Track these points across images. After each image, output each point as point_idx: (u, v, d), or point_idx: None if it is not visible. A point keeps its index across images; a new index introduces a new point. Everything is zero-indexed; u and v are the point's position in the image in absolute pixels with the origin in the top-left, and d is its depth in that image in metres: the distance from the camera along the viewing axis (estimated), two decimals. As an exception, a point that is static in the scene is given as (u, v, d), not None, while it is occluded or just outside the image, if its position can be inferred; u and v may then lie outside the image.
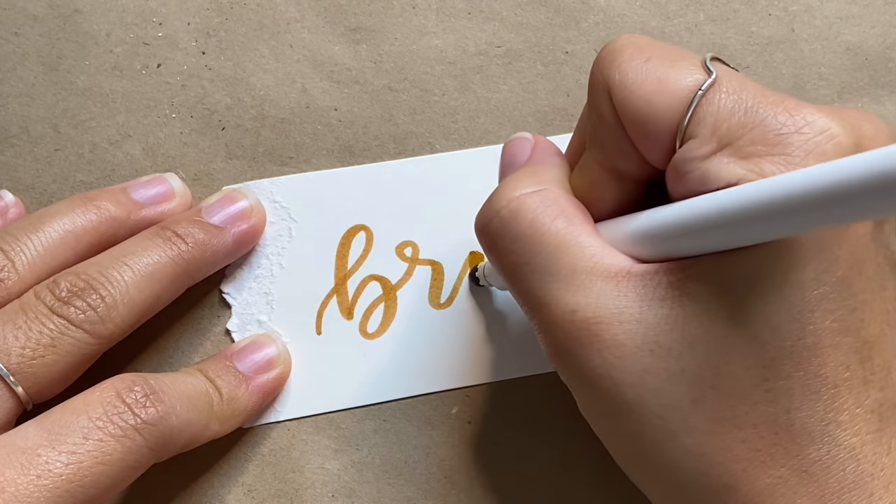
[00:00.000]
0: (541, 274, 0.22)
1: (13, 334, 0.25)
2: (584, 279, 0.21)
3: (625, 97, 0.21)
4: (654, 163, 0.22)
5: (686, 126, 0.21)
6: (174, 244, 0.27)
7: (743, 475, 0.20)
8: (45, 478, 0.22)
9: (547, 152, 0.25)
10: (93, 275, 0.26)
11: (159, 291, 0.27)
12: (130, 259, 0.26)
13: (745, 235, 0.19)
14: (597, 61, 0.23)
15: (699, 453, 0.20)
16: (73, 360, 0.25)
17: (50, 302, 0.25)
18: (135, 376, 0.25)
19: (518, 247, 0.22)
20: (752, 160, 0.20)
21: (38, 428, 0.23)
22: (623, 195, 0.23)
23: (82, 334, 0.25)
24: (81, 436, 0.23)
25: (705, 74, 0.21)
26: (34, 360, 0.25)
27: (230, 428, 0.28)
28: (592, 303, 0.21)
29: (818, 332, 0.20)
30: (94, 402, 0.24)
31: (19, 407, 0.25)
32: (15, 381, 0.24)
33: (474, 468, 0.29)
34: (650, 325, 0.20)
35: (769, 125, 0.20)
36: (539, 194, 0.23)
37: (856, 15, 0.32)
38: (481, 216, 0.24)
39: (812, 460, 0.20)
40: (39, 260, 0.26)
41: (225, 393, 0.27)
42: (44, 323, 0.25)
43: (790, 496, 0.20)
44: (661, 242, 0.21)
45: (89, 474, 0.23)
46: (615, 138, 0.22)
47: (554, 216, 0.22)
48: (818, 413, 0.20)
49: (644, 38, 0.22)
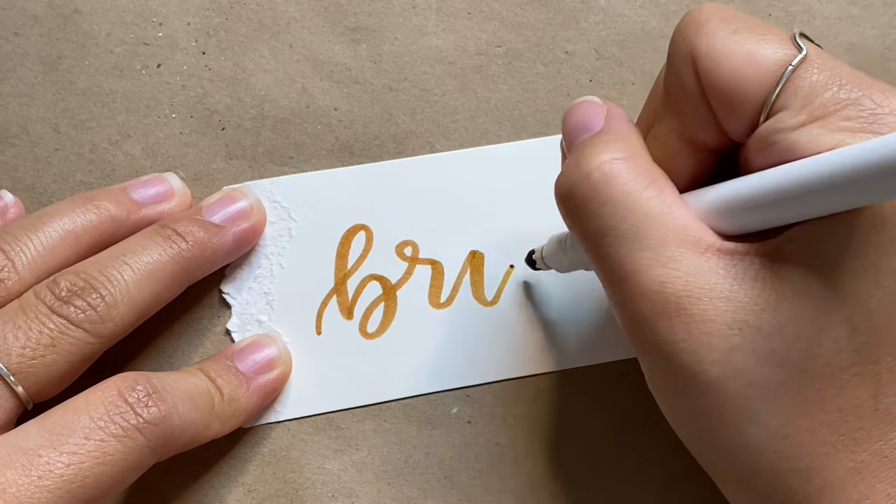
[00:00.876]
0: (630, 241, 0.21)
1: (13, 334, 0.25)
2: (675, 252, 0.21)
3: (711, 67, 0.21)
4: (733, 135, 0.22)
5: (775, 100, 0.20)
6: (174, 242, 0.27)
7: (825, 459, 0.20)
8: (47, 478, 0.22)
9: (624, 120, 0.24)
10: (93, 274, 0.26)
11: (159, 290, 0.27)
12: (130, 258, 0.26)
13: (839, 200, 0.19)
14: (679, 29, 0.22)
15: (782, 436, 0.20)
16: (73, 359, 0.25)
17: (50, 301, 0.25)
18: (137, 375, 0.25)
19: (607, 211, 0.22)
20: (845, 133, 0.19)
21: (39, 428, 0.23)
22: (697, 167, 0.23)
23: (83, 334, 0.25)
24: (83, 436, 0.23)
25: (795, 50, 0.21)
26: (34, 360, 0.24)
27: (231, 428, 0.27)
28: (683, 276, 0.21)
29: None
30: (96, 402, 0.24)
31: (20, 407, 0.25)
32: (15, 381, 0.24)
33: (474, 468, 0.29)
34: (741, 305, 0.20)
35: (863, 104, 0.20)
36: (629, 161, 0.22)
37: (855, 15, 0.32)
38: (565, 179, 0.23)
39: (894, 446, 0.20)
40: (39, 260, 0.26)
41: (226, 393, 0.27)
42: (44, 323, 0.25)
43: (870, 480, 0.20)
44: (751, 212, 0.21)
45: (90, 475, 0.23)
46: (696, 108, 0.22)
47: (646, 184, 0.22)
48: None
49: (729, 8, 0.22)
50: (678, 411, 0.23)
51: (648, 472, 0.29)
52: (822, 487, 0.20)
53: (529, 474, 0.29)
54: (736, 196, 0.21)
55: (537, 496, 0.29)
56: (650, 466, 0.29)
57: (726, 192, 0.21)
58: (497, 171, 0.31)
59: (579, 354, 0.30)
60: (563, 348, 0.30)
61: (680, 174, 0.23)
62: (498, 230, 0.31)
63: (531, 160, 0.31)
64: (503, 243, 0.31)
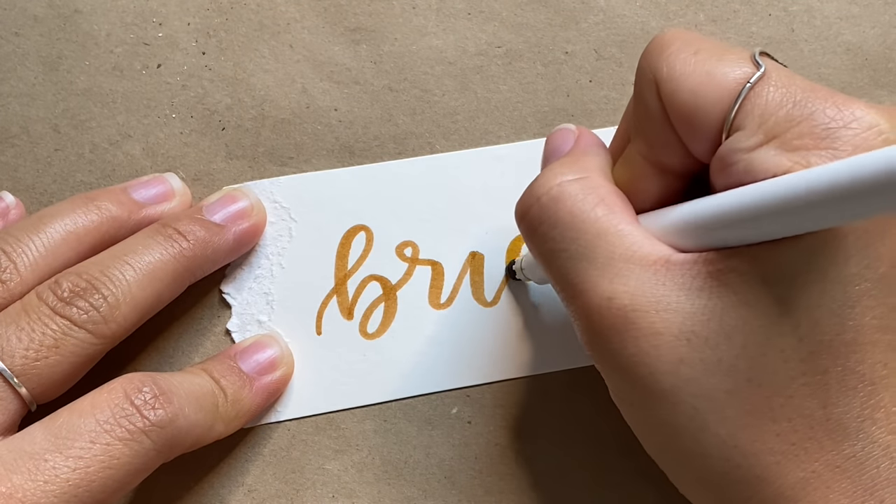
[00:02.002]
0: (578, 260, 0.22)
1: (16, 336, 0.24)
2: (622, 266, 0.21)
3: (672, 89, 0.21)
4: (698, 156, 0.22)
5: (733, 118, 0.21)
6: (175, 242, 0.27)
7: (776, 468, 0.20)
8: (53, 483, 0.22)
9: (590, 143, 0.25)
10: (94, 274, 0.26)
11: (161, 289, 0.27)
12: (132, 257, 0.26)
13: (789, 225, 0.19)
14: (644, 54, 0.23)
15: (732, 445, 0.20)
16: (76, 360, 0.25)
17: (52, 303, 0.25)
18: (143, 376, 0.25)
19: (557, 233, 0.22)
20: (799, 153, 0.20)
21: (45, 432, 0.23)
22: (666, 189, 0.23)
23: (85, 334, 0.25)
24: (89, 440, 0.23)
25: (754, 68, 0.21)
26: (38, 362, 0.24)
27: (234, 428, 0.28)
28: (630, 290, 0.21)
29: (858, 328, 0.20)
30: (102, 404, 0.24)
31: (23, 408, 0.25)
32: (19, 383, 0.24)
33: (474, 468, 0.29)
34: (687, 315, 0.20)
35: (817, 119, 0.20)
36: (580, 182, 0.23)
37: (856, 15, 0.32)
38: (522, 203, 0.24)
39: (846, 456, 0.20)
40: (41, 261, 0.26)
41: (230, 394, 0.27)
42: (46, 324, 0.25)
43: (823, 490, 0.20)
44: (704, 233, 0.21)
45: (97, 478, 0.23)
46: (660, 130, 0.22)
47: (594, 204, 0.22)
48: (854, 409, 0.20)
49: (691, 32, 0.23)
50: (638, 421, 0.23)
51: (649, 472, 0.29)
52: (774, 497, 0.20)
53: (529, 474, 0.29)
54: (691, 217, 0.21)
55: (537, 496, 0.29)
56: (650, 466, 0.29)
57: (683, 212, 0.22)
58: (497, 171, 0.31)
59: (579, 355, 0.30)
60: (562, 348, 0.30)
61: (648, 196, 0.23)
62: (498, 230, 0.31)
63: (531, 160, 0.31)
64: (503, 244, 0.31)
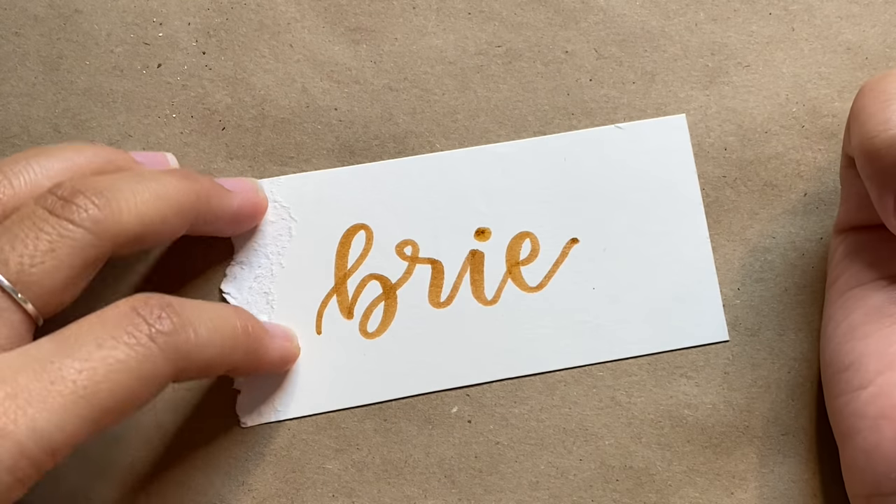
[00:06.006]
0: None
1: (10, 244, 0.23)
2: None
3: None
4: None
5: None
6: (187, 179, 0.27)
7: None
8: (59, 384, 0.22)
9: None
10: (98, 181, 0.25)
11: (166, 211, 0.26)
12: (139, 177, 0.26)
13: None
14: None
15: None
16: (75, 263, 0.24)
17: (51, 204, 0.24)
18: (152, 294, 0.24)
19: None
20: None
21: (52, 341, 0.23)
22: None
23: (83, 233, 0.24)
24: (95, 344, 0.22)
25: None
26: (34, 268, 0.23)
27: (251, 368, 0.27)
28: None
29: None
30: (109, 314, 0.23)
31: (29, 321, 0.24)
32: (14, 290, 0.23)
33: (474, 468, 0.29)
34: None
35: None
36: None
37: (856, 14, 0.32)
38: None
39: None
40: (39, 183, 0.25)
41: (251, 330, 0.26)
42: (41, 227, 0.24)
43: None
44: None
45: (104, 380, 0.22)
46: None
47: None
48: None
49: None
50: None
51: (649, 472, 0.29)
52: None
53: (529, 474, 0.29)
54: None
55: (537, 496, 0.29)
56: (651, 465, 0.29)
57: None
58: (497, 169, 0.31)
59: (579, 354, 0.30)
60: (563, 347, 0.30)
61: None
62: (499, 229, 0.31)
63: (531, 160, 0.31)
64: (503, 242, 0.31)
